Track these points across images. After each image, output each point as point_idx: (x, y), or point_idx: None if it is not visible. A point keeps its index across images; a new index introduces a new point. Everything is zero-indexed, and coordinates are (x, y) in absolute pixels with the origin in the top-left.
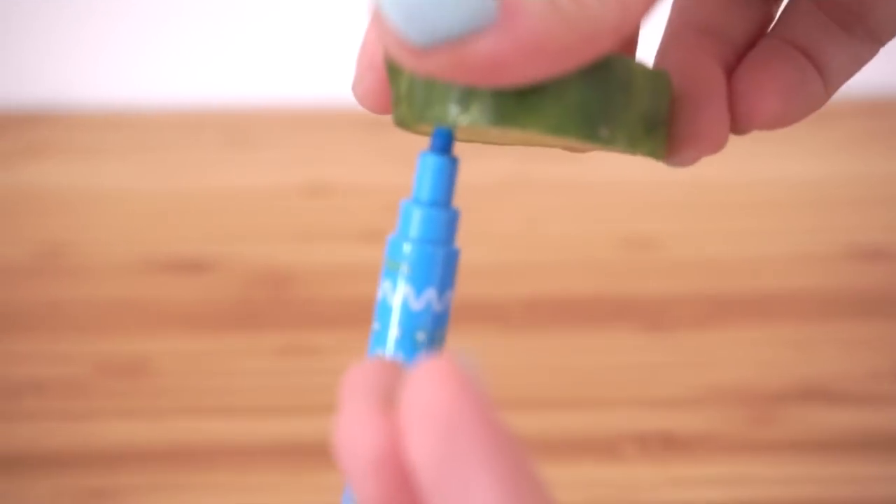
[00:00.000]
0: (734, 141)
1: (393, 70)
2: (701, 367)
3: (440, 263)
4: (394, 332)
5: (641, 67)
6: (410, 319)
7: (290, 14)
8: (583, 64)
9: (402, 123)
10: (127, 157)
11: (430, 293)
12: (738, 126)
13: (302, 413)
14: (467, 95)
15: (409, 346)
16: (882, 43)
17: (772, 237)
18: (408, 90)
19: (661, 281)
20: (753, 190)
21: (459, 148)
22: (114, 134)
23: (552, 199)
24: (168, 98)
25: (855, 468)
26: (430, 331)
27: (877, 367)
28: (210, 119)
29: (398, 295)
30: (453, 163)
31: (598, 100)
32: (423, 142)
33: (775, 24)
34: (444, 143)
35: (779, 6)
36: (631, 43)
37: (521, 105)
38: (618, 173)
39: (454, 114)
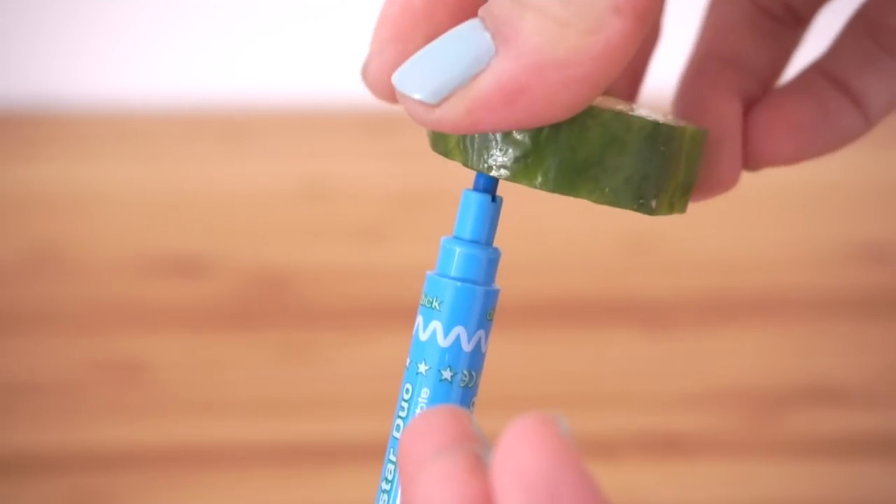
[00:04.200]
0: None
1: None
2: (701, 367)
3: (471, 302)
4: (422, 367)
5: (681, 130)
6: (437, 356)
7: (290, 13)
8: (598, 66)
9: (444, 153)
10: (125, 156)
11: (460, 331)
12: (750, 165)
13: (301, 413)
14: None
15: (436, 383)
16: None
17: (772, 237)
18: (458, 138)
19: (661, 281)
20: (753, 190)
21: None
22: (112, 134)
23: (552, 198)
24: (167, 98)
25: (857, 468)
26: (457, 370)
27: (878, 367)
28: (209, 119)
29: (428, 331)
30: (496, 203)
31: (653, 174)
32: (423, 144)
33: (821, 55)
34: (488, 183)
35: (802, 33)
36: (636, 77)
37: (579, 174)
38: None
39: (512, 175)
